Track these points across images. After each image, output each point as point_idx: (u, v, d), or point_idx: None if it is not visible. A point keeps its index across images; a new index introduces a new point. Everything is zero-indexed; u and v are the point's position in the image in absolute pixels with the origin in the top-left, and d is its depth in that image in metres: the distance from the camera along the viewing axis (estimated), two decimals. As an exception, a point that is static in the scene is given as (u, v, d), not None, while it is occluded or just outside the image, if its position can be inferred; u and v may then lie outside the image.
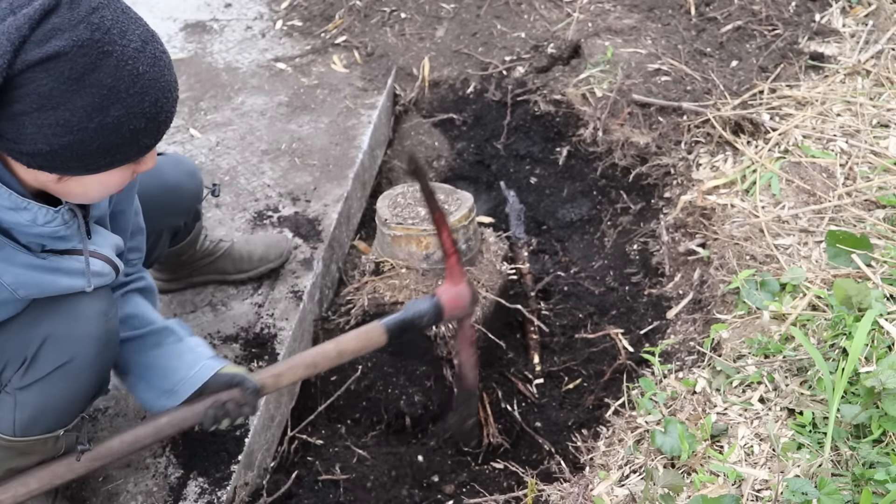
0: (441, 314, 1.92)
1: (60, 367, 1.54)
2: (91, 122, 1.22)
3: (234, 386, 1.70)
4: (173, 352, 1.70)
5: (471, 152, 3.32)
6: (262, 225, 2.64)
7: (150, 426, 1.70)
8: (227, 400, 1.69)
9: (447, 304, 1.91)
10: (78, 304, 1.53)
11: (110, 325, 1.58)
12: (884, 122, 2.76)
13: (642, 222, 2.95)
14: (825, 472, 1.70)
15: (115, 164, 1.31)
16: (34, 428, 1.63)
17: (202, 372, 1.69)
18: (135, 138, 1.28)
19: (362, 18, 3.59)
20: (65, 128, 1.21)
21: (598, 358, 2.65)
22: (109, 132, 1.24)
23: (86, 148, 1.25)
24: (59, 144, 1.23)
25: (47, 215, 1.39)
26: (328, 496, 2.19)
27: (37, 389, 1.56)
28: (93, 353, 1.56)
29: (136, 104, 1.24)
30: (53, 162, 1.26)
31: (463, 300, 1.92)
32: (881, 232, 2.32)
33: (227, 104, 3.19)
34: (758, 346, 2.07)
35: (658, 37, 3.32)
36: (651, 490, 1.77)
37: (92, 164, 1.29)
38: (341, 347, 1.84)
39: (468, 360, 2.08)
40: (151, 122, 1.28)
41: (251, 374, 1.74)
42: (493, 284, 2.54)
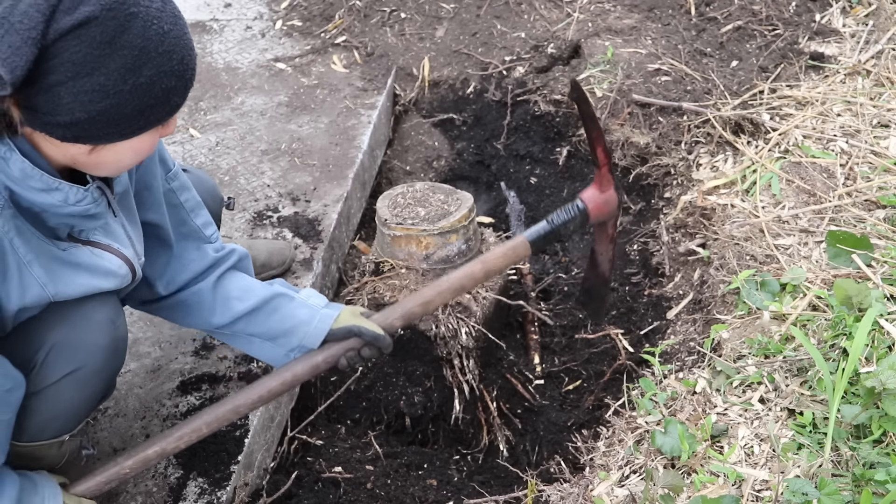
0: (587, 220, 1.88)
1: (68, 374, 1.53)
2: (126, 83, 1.23)
3: (354, 335, 1.74)
4: (288, 312, 1.74)
5: (471, 152, 3.32)
6: (262, 225, 2.64)
7: (277, 379, 1.73)
8: (358, 347, 1.74)
9: (594, 210, 1.87)
10: (86, 311, 1.53)
11: (118, 333, 1.58)
12: (884, 122, 2.76)
13: (642, 222, 2.95)
14: (825, 473, 1.69)
15: (149, 125, 1.32)
16: (42, 433, 1.63)
17: (321, 324, 1.73)
18: (166, 97, 1.29)
19: (362, 18, 3.59)
20: (101, 93, 1.22)
21: (598, 358, 2.65)
22: (143, 93, 1.25)
23: (122, 111, 1.25)
24: (97, 110, 1.23)
25: (78, 194, 1.39)
26: (328, 496, 2.19)
27: (45, 396, 1.56)
28: (100, 362, 1.56)
29: (165, 62, 1.25)
30: (90, 130, 1.26)
31: (611, 206, 1.89)
32: (881, 232, 2.32)
33: (227, 104, 3.19)
34: (758, 347, 2.07)
35: (658, 37, 3.31)
36: (651, 490, 1.77)
37: (127, 129, 1.29)
38: (488, 267, 1.81)
39: (607, 253, 2.05)
40: (180, 79, 1.29)
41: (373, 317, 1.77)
42: (493, 284, 2.54)
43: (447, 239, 2.43)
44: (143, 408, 2.11)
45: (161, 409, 2.11)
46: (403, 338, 2.46)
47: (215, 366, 2.22)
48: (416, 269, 2.45)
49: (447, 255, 2.45)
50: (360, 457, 2.34)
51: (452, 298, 1.87)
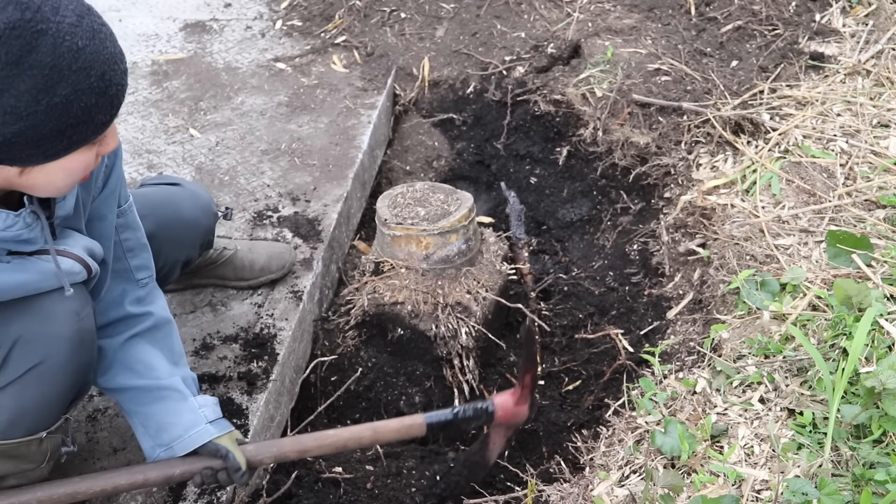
0: (491, 422, 1.95)
1: (32, 368, 1.51)
2: (38, 104, 1.18)
3: (220, 458, 1.70)
4: (173, 409, 1.69)
5: (471, 152, 3.32)
6: (262, 225, 2.64)
7: (126, 477, 1.70)
8: (218, 469, 1.71)
9: (501, 416, 1.94)
10: (48, 304, 1.50)
11: (83, 325, 1.55)
12: (884, 122, 2.76)
13: (642, 222, 2.95)
14: (825, 473, 1.69)
15: (74, 145, 1.27)
16: (14, 431, 1.60)
17: (197, 437, 1.69)
18: (88, 116, 1.24)
19: (362, 18, 3.59)
20: (13, 115, 1.18)
21: (598, 358, 2.65)
22: (60, 113, 1.21)
23: (39, 132, 1.21)
24: (12, 132, 1.19)
25: (7, 219, 1.36)
26: (328, 496, 2.19)
27: (11, 392, 1.53)
28: (65, 354, 1.53)
29: (81, 80, 1.20)
30: (10, 152, 1.23)
31: (518, 419, 1.96)
32: (881, 232, 2.32)
33: (227, 104, 3.19)
34: (758, 347, 2.07)
35: (658, 37, 3.31)
36: (651, 490, 1.77)
37: (50, 149, 1.25)
38: (378, 436, 1.85)
39: (499, 447, 2.12)
40: (101, 96, 1.24)
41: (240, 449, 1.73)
42: (493, 284, 2.54)
43: (447, 239, 2.43)
44: (143, 408, 2.11)
45: (161, 409, 2.11)
46: (404, 338, 2.46)
47: (215, 366, 2.22)
48: (416, 269, 2.45)
49: (447, 254, 2.45)
50: (360, 457, 2.35)
51: (332, 453, 1.88)
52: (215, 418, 1.73)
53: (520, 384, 1.96)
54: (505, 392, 2.00)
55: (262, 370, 2.21)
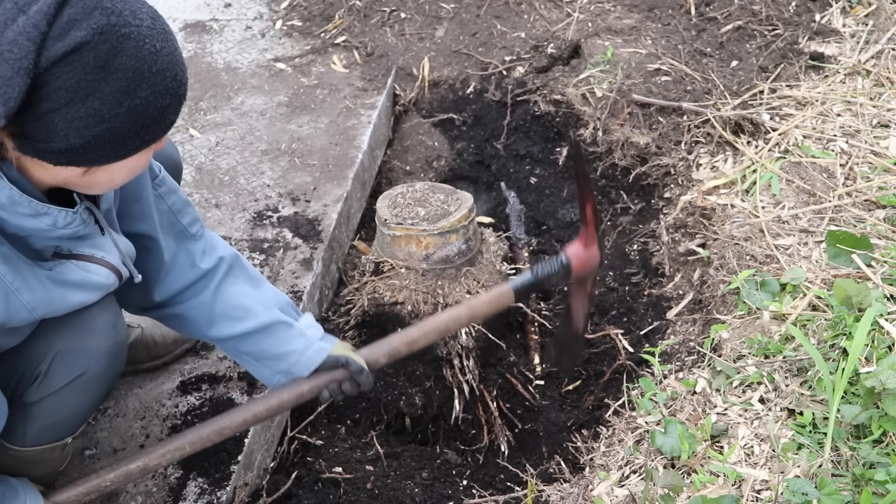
0: (569, 274, 1.96)
1: (72, 381, 1.54)
2: (121, 107, 1.20)
3: (341, 366, 1.77)
4: (284, 339, 1.75)
5: (471, 152, 3.32)
6: (262, 225, 2.64)
7: (262, 405, 1.76)
8: (341, 379, 1.78)
9: (576, 265, 1.95)
10: (87, 317, 1.53)
11: (119, 337, 1.59)
12: (884, 122, 2.76)
13: (642, 222, 2.95)
14: (825, 473, 1.69)
15: (144, 145, 1.30)
16: (44, 438, 1.64)
17: (314, 356, 1.75)
18: (161, 116, 1.27)
19: (362, 18, 3.59)
20: (96, 118, 1.19)
21: (597, 358, 2.65)
22: (139, 114, 1.23)
23: (117, 134, 1.23)
24: (92, 135, 1.21)
25: (67, 217, 1.37)
26: (328, 496, 2.19)
27: (48, 403, 1.56)
28: (103, 366, 1.57)
29: (159, 82, 1.23)
30: (84, 154, 1.24)
31: (593, 263, 1.97)
32: (881, 232, 2.32)
33: (227, 104, 3.19)
34: (758, 347, 2.07)
35: (658, 37, 3.31)
36: (651, 490, 1.77)
37: (122, 150, 1.27)
38: (474, 312, 1.88)
39: (583, 308, 2.13)
40: (174, 97, 1.27)
41: (357, 353, 1.80)
42: (493, 284, 2.54)
43: (447, 239, 2.43)
44: (143, 408, 2.11)
45: (161, 409, 2.11)
46: (403, 338, 2.46)
47: (215, 366, 2.22)
48: (417, 269, 2.45)
49: (447, 255, 2.45)
50: (360, 457, 2.34)
51: (437, 339, 1.94)
52: (322, 335, 1.79)
53: (583, 222, 1.96)
54: (572, 242, 2.00)
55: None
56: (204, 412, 2.10)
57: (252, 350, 1.76)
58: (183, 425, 2.06)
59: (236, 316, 1.74)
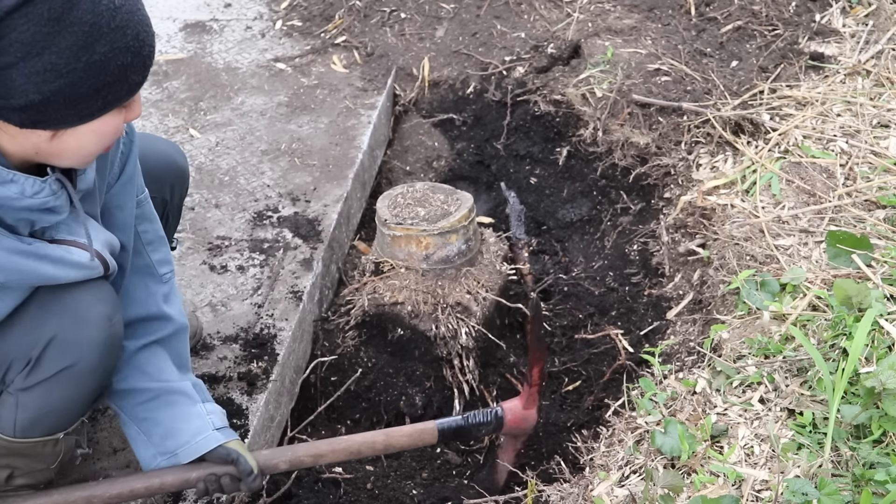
0: (501, 428, 2.01)
1: (64, 370, 1.53)
2: (78, 62, 1.20)
3: (230, 462, 1.69)
4: (183, 414, 1.68)
5: (471, 152, 3.32)
6: (262, 225, 2.64)
7: (143, 482, 1.68)
8: (222, 475, 1.69)
9: (510, 422, 2.01)
10: (81, 307, 1.52)
11: (114, 331, 1.57)
12: (884, 122, 2.76)
13: (642, 222, 2.95)
14: (825, 473, 1.69)
15: (108, 106, 1.29)
16: (34, 430, 1.62)
17: (206, 442, 1.67)
18: (123, 75, 1.26)
19: (362, 18, 3.59)
20: (53, 72, 1.19)
21: (597, 358, 2.65)
22: (98, 70, 1.22)
23: (77, 91, 1.23)
24: (51, 90, 1.21)
25: (35, 185, 1.36)
26: (328, 496, 2.19)
27: (39, 391, 1.55)
28: (96, 358, 1.55)
29: (119, 38, 1.23)
30: (46, 113, 1.24)
31: (528, 423, 2.05)
32: (881, 232, 2.32)
33: (227, 104, 3.19)
34: (758, 347, 2.07)
35: (658, 37, 3.31)
36: (651, 490, 1.77)
37: (85, 109, 1.27)
38: (391, 442, 1.87)
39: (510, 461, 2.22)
40: (136, 56, 1.26)
41: (252, 454, 1.72)
42: (493, 285, 2.54)
43: (447, 239, 2.43)
44: (143, 408, 2.11)
45: (161, 409, 2.10)
46: (404, 338, 2.46)
47: (215, 366, 2.23)
48: (417, 270, 2.45)
49: (447, 255, 2.45)
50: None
51: (346, 459, 1.90)
52: (222, 426, 1.72)
53: (527, 382, 2.00)
54: (512, 398, 2.06)
55: (262, 370, 2.21)
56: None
57: (146, 417, 1.68)
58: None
59: (148, 372, 1.68)
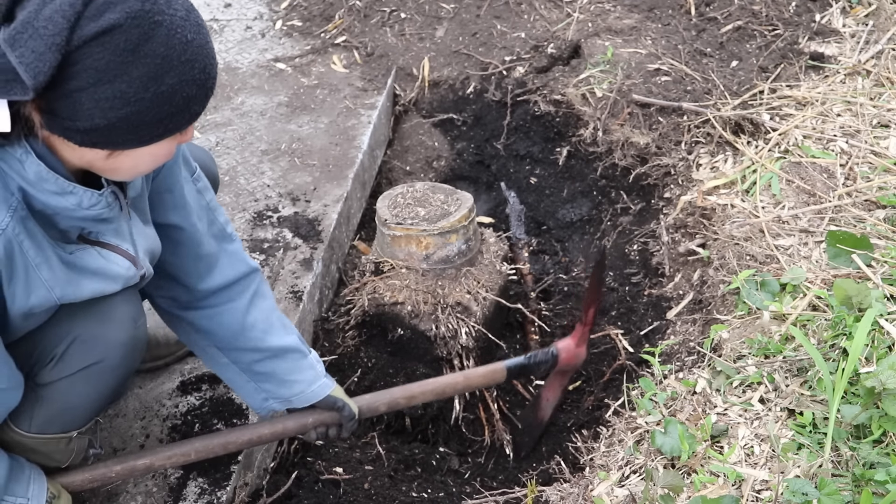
0: (556, 365, 2.24)
1: (87, 367, 1.55)
2: (147, 91, 1.23)
3: (335, 409, 1.86)
4: (296, 367, 1.81)
5: (471, 152, 3.32)
6: (262, 225, 2.64)
7: (269, 428, 1.86)
8: (331, 423, 1.88)
9: (564, 359, 2.24)
10: (110, 307, 1.54)
11: (138, 332, 1.60)
12: (884, 122, 2.76)
13: (642, 222, 2.95)
14: (825, 473, 1.69)
15: (168, 133, 1.32)
16: (50, 426, 1.63)
17: (319, 390, 1.83)
18: (186, 105, 1.29)
19: (362, 18, 3.59)
20: (122, 100, 1.22)
21: (598, 358, 2.65)
22: (164, 101, 1.25)
23: (142, 119, 1.25)
24: (117, 117, 1.23)
25: (92, 198, 1.39)
26: (328, 496, 2.19)
27: (60, 387, 1.57)
28: (119, 358, 1.57)
29: (187, 71, 1.25)
30: (108, 136, 1.27)
31: (579, 360, 2.28)
32: (881, 232, 2.32)
33: (227, 104, 3.19)
34: (758, 347, 2.07)
35: (658, 37, 3.31)
36: (651, 490, 1.77)
37: (146, 136, 1.30)
38: (469, 381, 2.12)
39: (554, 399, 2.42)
40: (201, 88, 1.30)
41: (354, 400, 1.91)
42: (493, 285, 2.54)
43: (447, 239, 2.43)
44: (143, 408, 2.11)
45: (161, 409, 2.11)
46: (404, 338, 2.46)
47: (215, 366, 2.22)
48: (417, 269, 2.45)
49: (447, 255, 2.45)
50: (360, 457, 2.34)
51: (433, 399, 2.14)
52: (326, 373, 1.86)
53: (581, 322, 2.22)
54: (566, 337, 2.27)
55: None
56: (204, 412, 2.10)
57: (263, 370, 1.81)
58: (183, 425, 2.06)
59: (264, 330, 1.79)
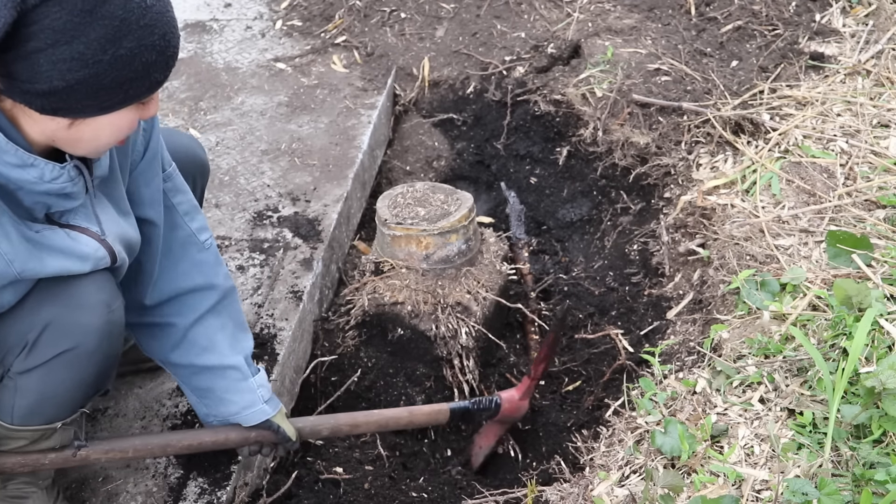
0: (497, 413, 2.26)
1: (61, 354, 1.53)
2: (105, 54, 1.23)
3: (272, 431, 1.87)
4: (234, 387, 1.81)
5: (471, 152, 3.32)
6: (262, 225, 2.64)
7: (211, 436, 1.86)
8: (269, 443, 1.89)
9: (505, 409, 2.27)
10: (81, 292, 1.53)
11: (113, 318, 1.57)
12: (884, 122, 2.76)
13: (642, 222, 2.95)
14: (825, 473, 1.69)
15: (128, 100, 1.32)
16: (32, 418, 1.62)
17: (254, 415, 1.83)
18: (146, 72, 1.29)
19: (362, 18, 3.59)
20: (80, 61, 1.22)
21: (597, 358, 2.65)
22: (123, 65, 1.25)
23: (100, 82, 1.26)
24: (75, 79, 1.24)
25: (54, 171, 1.39)
26: (328, 496, 2.19)
27: (37, 375, 1.55)
28: (94, 344, 1.55)
29: (146, 36, 1.26)
30: (68, 101, 1.27)
31: (520, 412, 2.31)
32: (881, 232, 2.32)
33: (227, 104, 3.19)
34: (758, 347, 2.07)
35: (658, 37, 3.31)
36: (651, 490, 1.77)
37: (106, 101, 1.30)
38: (413, 419, 2.13)
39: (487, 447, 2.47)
40: (161, 55, 1.30)
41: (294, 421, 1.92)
42: (493, 284, 2.54)
43: (447, 239, 2.43)
44: (143, 408, 2.11)
45: (161, 409, 2.11)
46: (404, 338, 2.46)
47: (215, 366, 2.22)
48: (416, 269, 2.45)
49: (447, 255, 2.45)
50: (360, 457, 2.35)
51: (377, 430, 2.22)
52: (269, 398, 1.85)
53: (529, 376, 2.24)
54: (512, 388, 2.29)
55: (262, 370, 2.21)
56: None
57: (200, 386, 1.81)
58: (183, 425, 2.06)
59: (203, 346, 1.78)
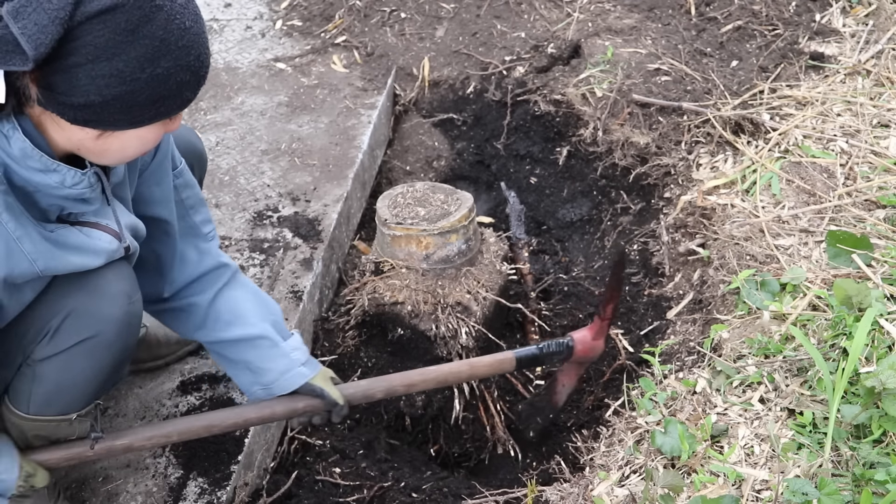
0: (571, 356, 2.15)
1: (81, 342, 1.56)
2: (143, 72, 1.27)
3: (317, 397, 1.85)
4: (267, 355, 1.81)
5: (471, 152, 3.32)
6: (262, 225, 2.64)
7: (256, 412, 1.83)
8: (319, 411, 1.86)
9: (580, 351, 2.15)
10: (102, 282, 1.56)
11: (133, 308, 1.61)
12: (884, 122, 2.76)
13: (642, 222, 2.95)
14: (825, 473, 1.69)
15: (158, 116, 1.36)
16: (49, 407, 1.63)
17: (292, 380, 1.82)
18: (179, 90, 1.33)
19: (362, 18, 3.59)
20: (118, 78, 1.26)
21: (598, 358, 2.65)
22: (159, 83, 1.29)
23: (135, 98, 1.29)
24: (112, 95, 1.27)
25: (75, 177, 1.42)
26: (328, 496, 2.19)
27: (56, 363, 1.58)
28: (113, 333, 1.58)
29: (183, 56, 1.30)
30: (102, 114, 1.30)
31: (595, 353, 2.18)
32: (881, 232, 2.32)
33: (227, 104, 3.19)
34: (758, 347, 2.07)
35: (658, 37, 3.31)
36: (651, 490, 1.77)
37: (138, 117, 1.33)
38: (475, 371, 2.01)
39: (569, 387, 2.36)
40: (195, 75, 1.34)
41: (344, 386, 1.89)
42: (493, 284, 2.54)
43: (447, 239, 2.43)
44: (143, 408, 2.11)
45: (161, 409, 2.11)
46: (404, 338, 2.46)
47: (215, 366, 2.22)
48: (417, 269, 2.45)
49: (447, 255, 2.45)
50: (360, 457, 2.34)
51: (435, 387, 2.06)
52: (306, 360, 1.84)
53: (600, 316, 2.14)
54: (584, 328, 2.18)
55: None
56: (204, 412, 2.10)
57: (235, 358, 1.82)
58: (183, 425, 2.06)
59: (228, 321, 1.81)
